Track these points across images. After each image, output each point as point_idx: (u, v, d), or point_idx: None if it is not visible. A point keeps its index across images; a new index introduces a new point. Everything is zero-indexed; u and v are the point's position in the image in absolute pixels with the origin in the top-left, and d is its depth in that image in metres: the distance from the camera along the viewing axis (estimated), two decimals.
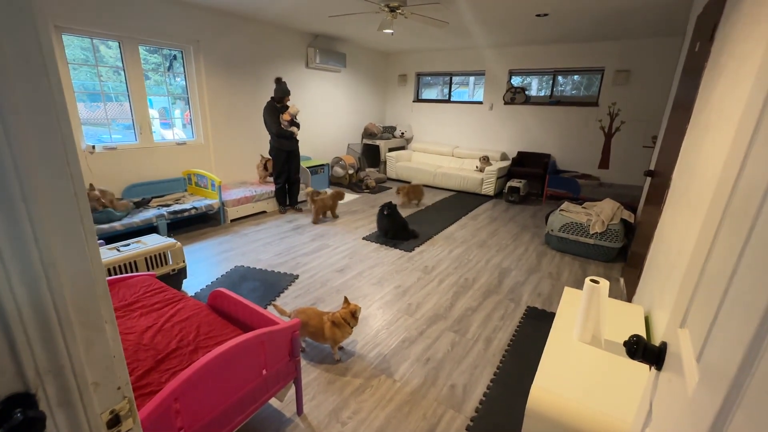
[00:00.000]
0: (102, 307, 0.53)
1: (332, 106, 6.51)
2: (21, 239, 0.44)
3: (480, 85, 6.75)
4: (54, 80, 0.45)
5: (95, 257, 0.53)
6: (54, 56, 0.46)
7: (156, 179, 4.19)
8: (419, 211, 5.08)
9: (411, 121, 7.57)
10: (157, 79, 4.20)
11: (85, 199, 0.51)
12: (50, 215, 0.47)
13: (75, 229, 0.49)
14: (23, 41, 0.44)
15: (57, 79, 0.46)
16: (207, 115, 4.59)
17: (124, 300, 2.00)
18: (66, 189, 0.48)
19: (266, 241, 3.82)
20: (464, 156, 6.66)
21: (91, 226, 0.52)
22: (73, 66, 3.51)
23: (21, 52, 0.43)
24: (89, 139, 3.72)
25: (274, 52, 5.21)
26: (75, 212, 0.49)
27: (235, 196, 4.39)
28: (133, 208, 3.64)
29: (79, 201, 0.50)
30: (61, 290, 0.48)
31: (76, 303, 0.50)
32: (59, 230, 0.47)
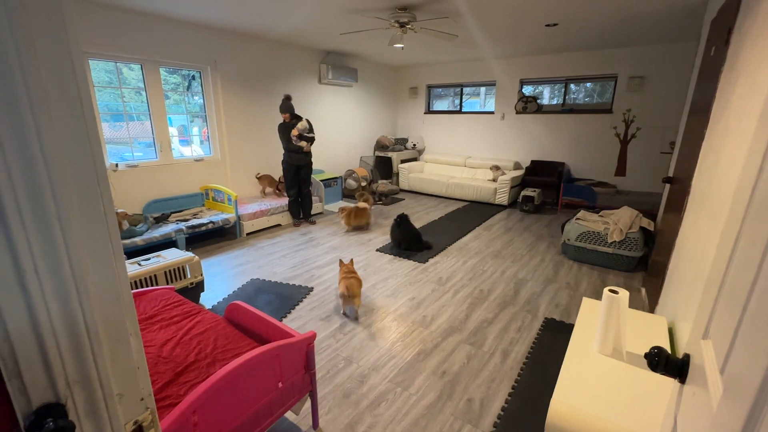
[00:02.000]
0: (127, 320, 0.55)
1: (344, 120, 6.61)
2: (55, 256, 0.46)
3: (491, 95, 6.77)
4: (87, 106, 0.49)
5: (122, 273, 0.55)
6: (87, 84, 0.49)
7: (175, 195, 4.31)
8: (432, 222, 5.06)
9: (423, 133, 7.61)
10: (177, 98, 4.37)
11: (113, 218, 0.54)
12: (82, 233, 0.49)
13: (104, 246, 0.51)
14: (60, 71, 0.47)
15: (90, 105, 0.49)
16: (223, 132, 4.73)
17: (145, 313, 2.05)
18: (96, 208, 0.50)
19: (281, 254, 3.87)
20: (477, 166, 6.64)
21: (118, 243, 0.55)
22: (98, 88, 3.68)
23: (58, 82, 0.47)
24: (112, 157, 3.87)
25: (287, 70, 5.36)
26: (104, 230, 0.52)
27: (250, 210, 4.48)
28: (152, 222, 3.75)
29: (108, 219, 0.52)
30: (90, 305, 0.50)
31: (103, 316, 0.52)
32: (90, 247, 0.50)
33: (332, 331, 2.49)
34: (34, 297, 0.46)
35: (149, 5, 3.50)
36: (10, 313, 0.44)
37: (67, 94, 0.47)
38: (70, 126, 0.47)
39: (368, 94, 7.02)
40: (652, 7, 3.42)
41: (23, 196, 0.45)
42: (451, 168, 6.86)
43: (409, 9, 3.47)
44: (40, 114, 0.46)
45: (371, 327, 2.55)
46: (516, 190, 5.99)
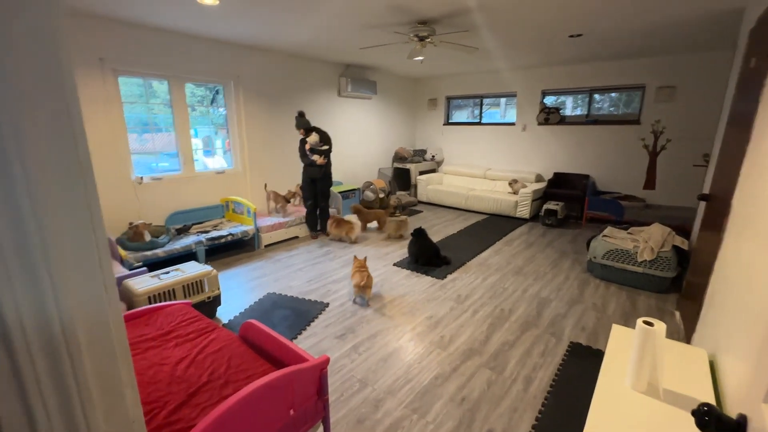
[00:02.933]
0: (122, 370, 0.52)
1: (363, 132, 6.63)
2: (41, 301, 0.43)
3: (512, 105, 6.67)
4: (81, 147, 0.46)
5: (116, 317, 0.52)
6: (82, 125, 0.47)
7: (196, 206, 4.40)
8: (451, 235, 4.97)
9: (441, 144, 7.55)
10: (203, 110, 4.49)
11: (107, 260, 0.50)
12: (72, 277, 0.46)
13: (97, 292, 0.48)
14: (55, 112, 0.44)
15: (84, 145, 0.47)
16: (245, 145, 4.81)
17: (161, 329, 2.05)
18: (90, 253, 0.48)
19: (298, 267, 3.87)
20: (497, 178, 6.53)
21: (113, 288, 0.52)
22: (128, 103, 3.81)
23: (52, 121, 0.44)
24: (138, 168, 3.99)
25: (307, 83, 5.43)
26: (98, 274, 0.49)
27: (269, 222, 4.51)
28: (174, 234, 3.82)
29: (102, 262, 0.49)
30: (81, 356, 0.47)
31: (96, 368, 0.49)
32: (80, 292, 0.47)
33: (347, 351, 2.44)
34: (17, 348, 0.43)
35: (176, 24, 3.62)
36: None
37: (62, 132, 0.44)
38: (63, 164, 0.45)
39: (387, 106, 7.04)
40: (682, 17, 3.28)
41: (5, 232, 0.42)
42: (471, 180, 6.77)
43: (428, 23, 3.46)
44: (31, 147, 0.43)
45: (387, 347, 2.48)
46: (538, 203, 5.84)
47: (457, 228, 5.35)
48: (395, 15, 3.24)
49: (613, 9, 3.11)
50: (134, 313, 2.15)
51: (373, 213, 5.05)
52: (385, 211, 5.16)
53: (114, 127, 3.64)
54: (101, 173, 3.62)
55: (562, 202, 5.51)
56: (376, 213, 5.09)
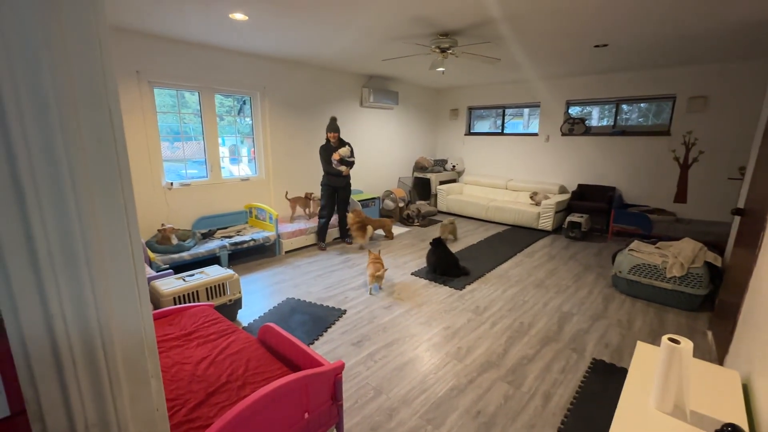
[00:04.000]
0: (149, 362, 0.55)
1: (384, 142, 6.71)
2: (81, 299, 0.47)
3: (535, 116, 6.59)
4: (121, 152, 0.50)
5: (146, 315, 0.56)
6: (123, 133, 0.51)
7: (222, 212, 4.55)
8: (471, 246, 4.93)
9: (463, 154, 7.53)
10: (230, 119, 4.68)
11: (141, 261, 0.54)
12: (108, 276, 0.50)
13: (130, 290, 0.52)
14: (98, 122, 0.49)
15: (124, 151, 0.51)
16: (269, 153, 4.96)
17: (185, 329, 2.13)
18: (125, 253, 0.51)
19: (317, 273, 3.92)
20: (518, 189, 6.44)
21: (144, 285, 0.55)
22: (161, 113, 4.02)
23: (95, 133, 0.48)
24: (169, 174, 4.18)
25: (331, 94, 5.56)
26: (131, 274, 0.52)
27: (290, 228, 4.61)
28: (199, 238, 3.96)
29: (136, 263, 0.53)
30: (113, 347, 0.51)
31: (126, 358, 0.52)
32: (116, 291, 0.51)
33: (363, 358, 2.45)
34: (59, 341, 0.46)
35: (208, 38, 3.81)
36: (36, 356, 0.45)
37: (104, 142, 0.48)
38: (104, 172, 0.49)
39: (408, 116, 7.10)
40: (714, 25, 3.18)
41: (55, 241, 0.46)
42: (492, 190, 6.72)
43: (450, 35, 3.50)
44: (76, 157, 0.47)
45: (403, 356, 2.48)
46: (561, 215, 5.72)
47: (477, 238, 5.31)
48: (418, 27, 3.30)
49: (639, 20, 3.06)
50: (160, 312, 2.24)
51: (380, 221, 5.04)
52: (391, 220, 5.19)
53: (148, 135, 3.84)
54: (134, 178, 3.81)
55: (587, 215, 5.37)
56: (383, 221, 5.09)
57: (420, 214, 6.13)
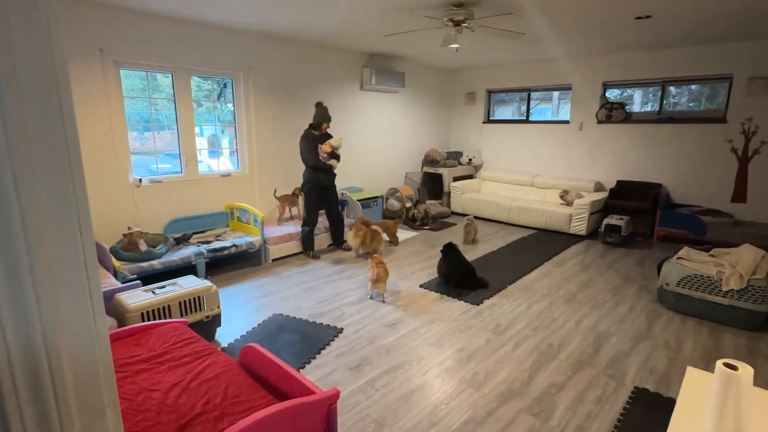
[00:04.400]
0: (105, 388, 0.55)
1: (389, 131, 6.72)
2: (24, 314, 0.47)
3: (566, 100, 6.57)
4: (72, 148, 0.50)
5: (102, 332, 0.56)
6: (74, 121, 0.51)
7: (198, 213, 4.58)
8: (490, 253, 4.92)
9: (481, 145, 7.52)
10: (208, 106, 4.71)
11: (95, 269, 0.54)
12: (57, 287, 0.50)
13: (82, 303, 0.52)
14: (45, 110, 0.49)
15: (75, 142, 0.51)
16: (253, 145, 4.98)
17: (154, 350, 2.14)
18: (76, 259, 0.51)
19: (309, 285, 3.93)
20: (547, 186, 6.43)
21: (99, 297, 0.55)
22: (129, 98, 4.05)
23: (41, 122, 0.49)
24: (138, 169, 4.21)
25: (325, 75, 5.59)
26: (83, 284, 0.52)
27: (278, 232, 4.62)
28: (172, 244, 3.98)
29: (89, 271, 0.53)
30: (62, 371, 0.51)
31: (77, 384, 0.52)
32: (65, 304, 0.51)
33: (362, 385, 2.44)
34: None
35: (183, 11, 3.84)
36: None
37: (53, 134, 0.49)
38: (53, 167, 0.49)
39: (417, 101, 7.11)
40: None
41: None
42: (515, 188, 6.71)
43: (465, 5, 3.50)
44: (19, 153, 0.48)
45: (409, 382, 2.47)
46: (597, 217, 5.69)
47: (497, 244, 5.29)
48: None
49: None
50: (125, 330, 2.25)
51: (382, 224, 5.08)
52: (394, 222, 5.22)
53: (114, 124, 3.88)
54: (97, 174, 3.84)
55: (627, 217, 5.34)
56: (386, 223, 5.12)
57: (428, 215, 6.13)
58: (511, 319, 3.26)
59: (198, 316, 2.84)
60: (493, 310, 3.43)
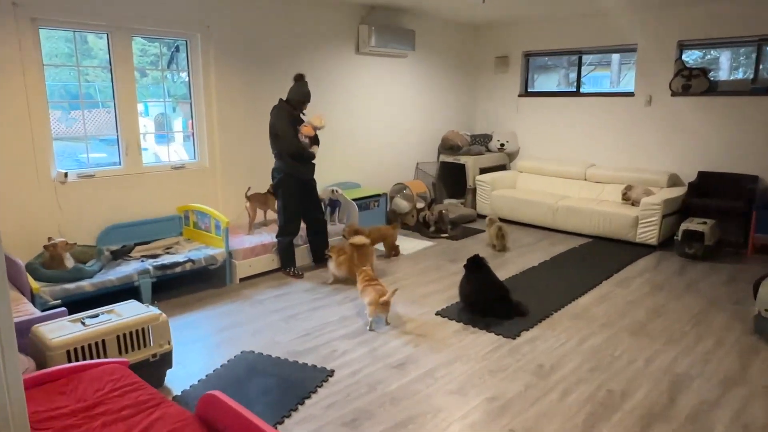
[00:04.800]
0: None
1: (394, 108, 6.75)
2: None
3: (629, 65, 6.58)
4: None
5: (13, 378, 0.56)
6: None
7: (142, 218, 4.59)
8: (529, 269, 4.90)
9: (516, 126, 7.52)
10: (156, 76, 4.74)
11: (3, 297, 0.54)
12: None
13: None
14: None
15: None
16: (214, 127, 5.00)
17: (84, 400, 2.14)
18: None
19: (289, 312, 3.92)
20: (605, 180, 6.43)
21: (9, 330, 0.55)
22: (51, 66, 4.08)
23: None
24: (62, 160, 4.23)
25: (311, 35, 5.62)
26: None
27: (248, 243, 4.63)
28: (108, 258, 3.99)
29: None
30: None
31: None
32: None
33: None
34: None
35: None
36: None
37: None
38: None
39: (431, 69, 7.12)
40: None
41: None
42: (563, 182, 6.71)
43: None
44: None
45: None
46: (672, 221, 5.68)
47: (538, 258, 5.26)
48: None
49: None
50: (46, 374, 2.26)
51: (377, 231, 5.07)
52: (393, 226, 5.23)
53: (30, 100, 3.90)
54: (8, 167, 3.85)
55: (712, 220, 5.33)
56: (380, 231, 5.11)
57: (444, 219, 6.11)
58: (558, 358, 3.24)
59: (142, 355, 2.84)
60: (533, 345, 3.41)
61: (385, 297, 3.56)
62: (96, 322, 2.77)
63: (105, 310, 2.92)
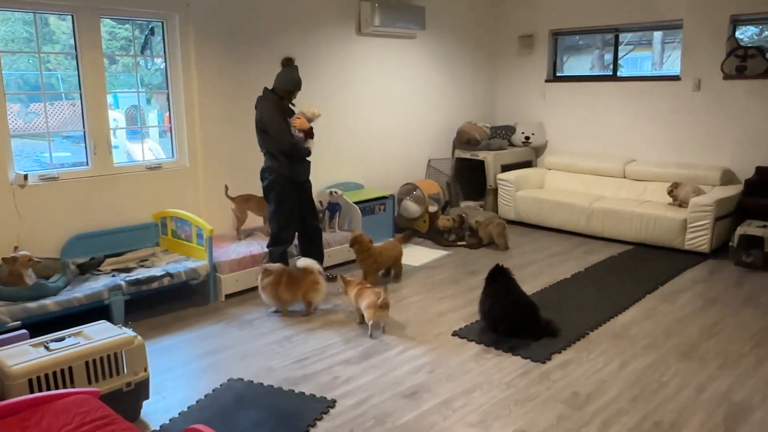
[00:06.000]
0: None
1: (402, 97, 6.76)
2: None
3: (674, 44, 6.56)
4: None
5: None
6: None
7: (113, 226, 4.61)
8: (560, 282, 4.89)
9: (543, 116, 7.52)
10: (128, 63, 4.75)
11: None
12: None
13: None
14: None
15: None
16: (195, 121, 5.02)
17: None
18: None
19: (283, 334, 3.92)
20: (647, 177, 6.42)
21: None
22: (7, 53, 4.11)
23: None
24: (21, 160, 4.25)
25: (304, 16, 5.64)
26: None
27: (234, 254, 4.64)
28: (74, 273, 4.00)
29: None
30: None
31: None
32: None
33: None
34: None
35: None
36: None
37: None
38: None
39: (444, 51, 7.13)
40: None
41: None
42: (598, 181, 6.71)
43: None
44: None
45: None
46: (727, 224, 5.68)
47: (570, 269, 5.26)
48: None
49: None
50: (5, 406, 2.26)
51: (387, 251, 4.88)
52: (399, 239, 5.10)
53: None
54: None
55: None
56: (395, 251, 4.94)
57: (463, 224, 6.09)
58: (596, 385, 3.22)
59: (115, 384, 2.85)
60: (566, 370, 3.40)
61: (381, 299, 3.68)
62: (61, 346, 2.78)
63: (72, 333, 2.93)
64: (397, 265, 5.08)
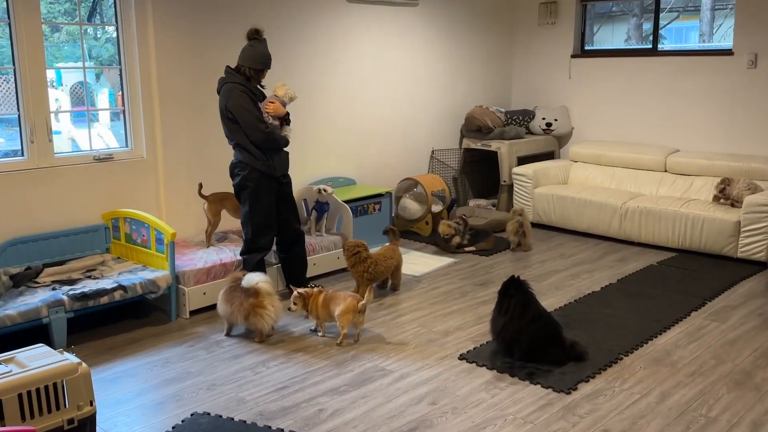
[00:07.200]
0: None
1: (400, 77, 6.76)
2: None
3: (725, 11, 6.55)
4: None
5: None
6: None
7: (54, 229, 4.58)
8: (587, 295, 4.89)
9: (568, 99, 7.54)
10: (72, 32, 4.72)
11: None
12: None
13: None
14: None
15: None
16: (155, 103, 5.00)
17: None
18: None
19: (258, 358, 3.92)
20: (692, 171, 6.45)
21: None
22: None
23: None
24: None
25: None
26: None
27: (201, 263, 4.63)
28: (7, 285, 3.97)
29: None
30: None
31: None
32: None
33: None
34: None
35: None
36: None
37: None
38: None
39: (450, 22, 7.14)
40: None
41: None
42: (633, 175, 6.75)
43: None
44: None
45: None
46: None
47: (600, 279, 5.28)
48: None
49: None
50: None
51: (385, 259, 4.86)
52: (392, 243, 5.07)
53: None
54: None
55: None
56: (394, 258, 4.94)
57: (466, 227, 6.06)
58: (631, 421, 3.20)
59: (54, 421, 2.81)
60: (595, 403, 3.38)
61: (364, 301, 3.91)
62: None
63: (2, 359, 2.90)
64: (395, 275, 5.07)
